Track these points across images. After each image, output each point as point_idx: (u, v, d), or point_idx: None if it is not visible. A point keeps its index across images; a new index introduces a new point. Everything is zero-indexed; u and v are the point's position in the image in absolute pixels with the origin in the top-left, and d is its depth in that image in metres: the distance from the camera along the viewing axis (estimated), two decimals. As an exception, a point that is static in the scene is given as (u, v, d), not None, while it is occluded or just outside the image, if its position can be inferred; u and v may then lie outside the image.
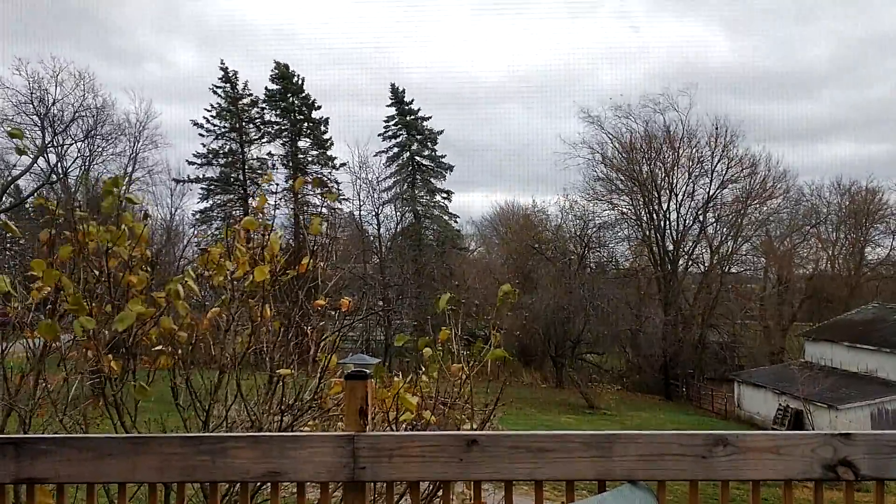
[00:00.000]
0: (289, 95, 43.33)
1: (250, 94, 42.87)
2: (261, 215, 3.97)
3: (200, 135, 42.07)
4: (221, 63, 41.88)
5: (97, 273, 3.43)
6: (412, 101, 44.65)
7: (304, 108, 43.66)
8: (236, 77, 42.38)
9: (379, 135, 44.42)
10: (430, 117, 44.65)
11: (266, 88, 43.26)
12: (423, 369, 3.67)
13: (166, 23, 47.26)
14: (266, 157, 42.99)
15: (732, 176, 41.65)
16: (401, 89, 44.56)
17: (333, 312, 4.05)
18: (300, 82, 43.35)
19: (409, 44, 54.92)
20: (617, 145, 43.21)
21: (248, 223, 3.73)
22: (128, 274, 3.37)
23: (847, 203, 44.04)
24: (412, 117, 44.75)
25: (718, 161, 41.44)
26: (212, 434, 2.79)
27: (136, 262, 3.50)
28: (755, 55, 47.92)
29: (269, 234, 3.76)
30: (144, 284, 3.39)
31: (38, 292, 3.30)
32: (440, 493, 2.57)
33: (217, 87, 42.17)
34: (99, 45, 48.32)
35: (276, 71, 43.09)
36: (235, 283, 3.70)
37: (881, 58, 50.52)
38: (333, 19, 53.77)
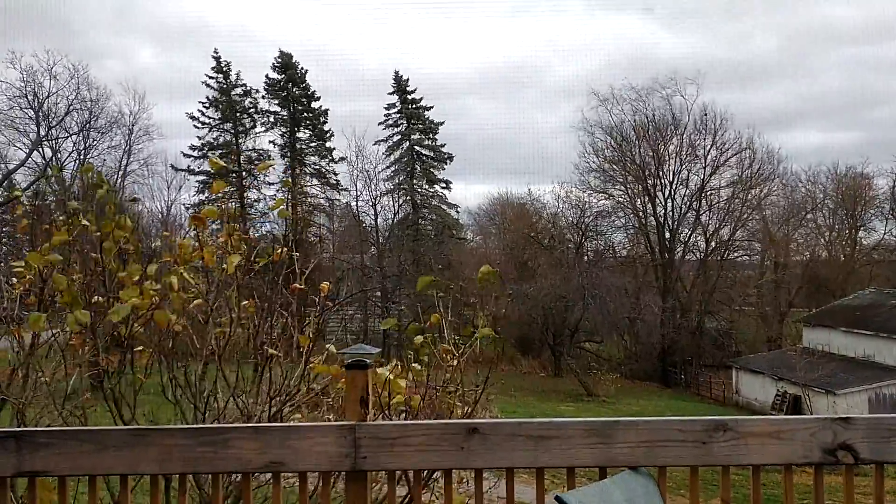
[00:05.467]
0: (290, 85, 43.21)
1: (243, 85, 42.71)
2: (221, 205, 3.92)
3: (195, 126, 41.94)
4: (215, 52, 41.71)
5: (94, 265, 3.41)
6: (415, 89, 44.54)
7: (303, 99, 43.56)
8: (229, 67, 42.20)
9: (379, 124, 44.30)
10: (432, 107, 44.53)
11: (267, 76, 43.15)
12: (413, 354, 3.65)
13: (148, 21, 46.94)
14: (263, 148, 42.91)
15: (726, 161, 41.64)
16: (404, 78, 44.40)
17: (315, 298, 4.01)
18: (303, 73, 43.26)
19: (363, 40, 55.23)
20: (595, 140, 43.24)
21: (208, 213, 3.71)
22: (128, 265, 3.35)
23: (835, 188, 44.05)
24: (414, 107, 44.59)
25: (711, 147, 41.43)
26: (214, 426, 2.79)
27: (132, 255, 3.48)
28: (699, 50, 48.77)
29: (230, 222, 3.70)
30: (137, 277, 3.35)
31: (22, 284, 3.28)
32: (441, 481, 2.58)
33: (210, 76, 42.03)
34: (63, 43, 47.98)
35: (280, 60, 42.94)
36: (208, 273, 3.68)
37: (821, 51, 51.18)
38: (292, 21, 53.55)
